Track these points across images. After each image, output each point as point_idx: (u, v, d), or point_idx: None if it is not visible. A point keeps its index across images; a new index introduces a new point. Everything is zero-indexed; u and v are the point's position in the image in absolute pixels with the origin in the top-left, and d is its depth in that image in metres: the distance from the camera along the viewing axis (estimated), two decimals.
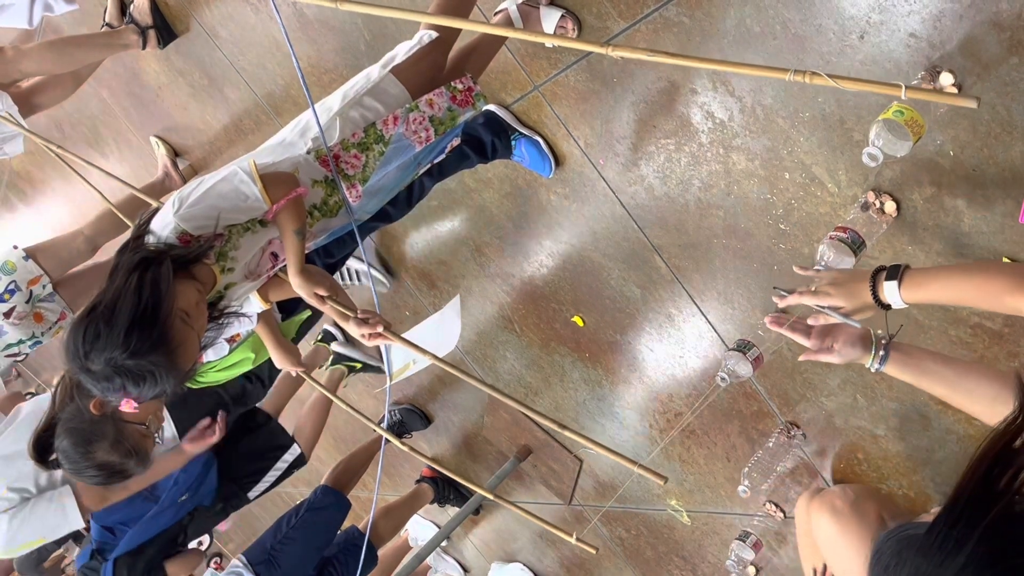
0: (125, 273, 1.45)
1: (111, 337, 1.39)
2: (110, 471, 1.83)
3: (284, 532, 3.20)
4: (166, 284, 1.44)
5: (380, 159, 1.78)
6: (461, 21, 1.62)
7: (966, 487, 0.77)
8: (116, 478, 1.86)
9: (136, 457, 1.84)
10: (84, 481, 1.88)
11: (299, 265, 1.66)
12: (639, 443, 2.87)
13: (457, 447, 3.94)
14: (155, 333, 1.42)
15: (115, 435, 1.81)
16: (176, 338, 1.45)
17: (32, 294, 2.78)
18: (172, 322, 1.44)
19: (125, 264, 1.47)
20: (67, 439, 1.76)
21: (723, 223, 2.13)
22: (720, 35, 1.86)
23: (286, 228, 1.62)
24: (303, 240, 1.65)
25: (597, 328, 2.70)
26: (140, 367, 1.41)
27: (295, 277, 1.68)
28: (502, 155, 2.39)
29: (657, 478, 1.49)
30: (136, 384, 1.43)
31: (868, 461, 2.24)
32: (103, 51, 3.19)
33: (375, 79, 1.81)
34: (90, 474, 1.82)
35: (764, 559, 2.70)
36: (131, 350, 1.40)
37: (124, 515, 2.86)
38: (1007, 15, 1.49)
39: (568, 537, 1.60)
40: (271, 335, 2.03)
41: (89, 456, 1.79)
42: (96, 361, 1.41)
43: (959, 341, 1.87)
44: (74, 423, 1.75)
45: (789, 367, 2.24)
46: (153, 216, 1.58)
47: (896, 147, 1.58)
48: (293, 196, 1.59)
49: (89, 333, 1.41)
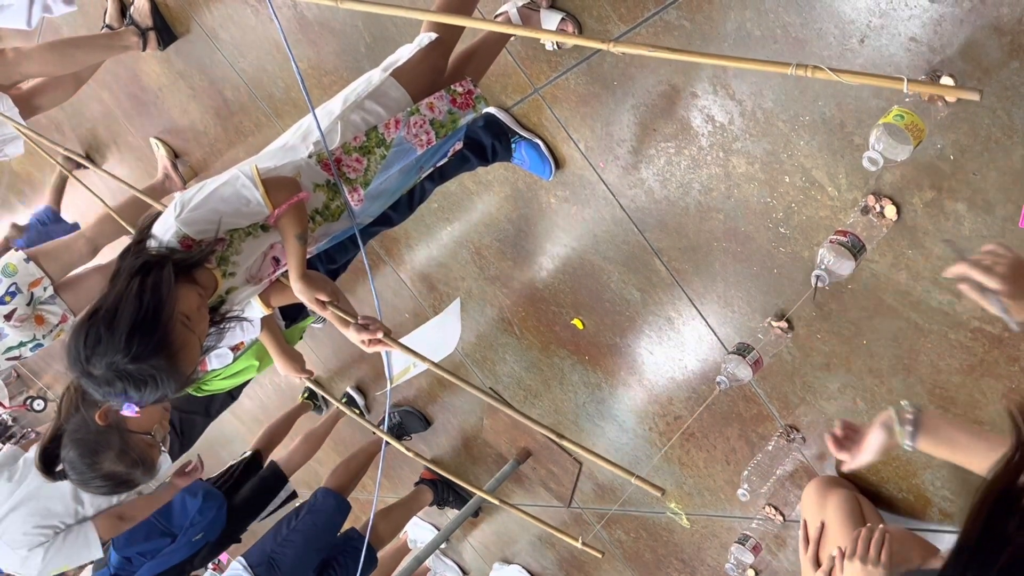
0: (127, 277, 1.44)
1: (112, 341, 1.39)
2: (117, 481, 1.83)
3: (284, 535, 3.21)
4: (167, 288, 1.44)
5: (382, 162, 1.78)
6: (463, 19, 1.62)
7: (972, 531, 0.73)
8: (123, 488, 1.86)
9: (143, 467, 1.84)
10: (91, 491, 1.89)
11: (300, 270, 1.66)
12: (638, 446, 2.87)
13: (457, 449, 3.94)
14: (156, 337, 1.41)
15: (121, 445, 1.80)
16: (177, 342, 1.44)
17: (33, 296, 2.78)
18: (173, 326, 1.44)
19: (127, 268, 1.47)
20: (73, 450, 1.76)
21: (723, 226, 2.13)
22: (720, 38, 1.86)
23: (288, 233, 1.61)
24: (305, 245, 1.65)
25: (597, 331, 2.70)
26: (141, 371, 1.41)
27: (296, 282, 1.67)
28: (502, 158, 2.39)
29: (654, 489, 1.49)
30: (138, 388, 1.43)
31: (868, 465, 2.23)
32: (103, 52, 3.19)
33: (376, 82, 1.81)
34: (97, 484, 1.82)
35: (763, 562, 2.70)
36: (132, 354, 1.39)
37: (143, 547, 3.12)
38: (1008, 19, 1.49)
39: (574, 541, 1.60)
40: (275, 342, 2.03)
41: (96, 466, 1.79)
42: (97, 365, 1.41)
43: (959, 345, 1.87)
44: (80, 433, 1.75)
45: (789, 370, 2.24)
46: (155, 220, 1.58)
47: (896, 151, 1.58)
48: (295, 201, 1.59)
49: (90, 337, 1.40)
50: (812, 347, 2.15)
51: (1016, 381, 1.84)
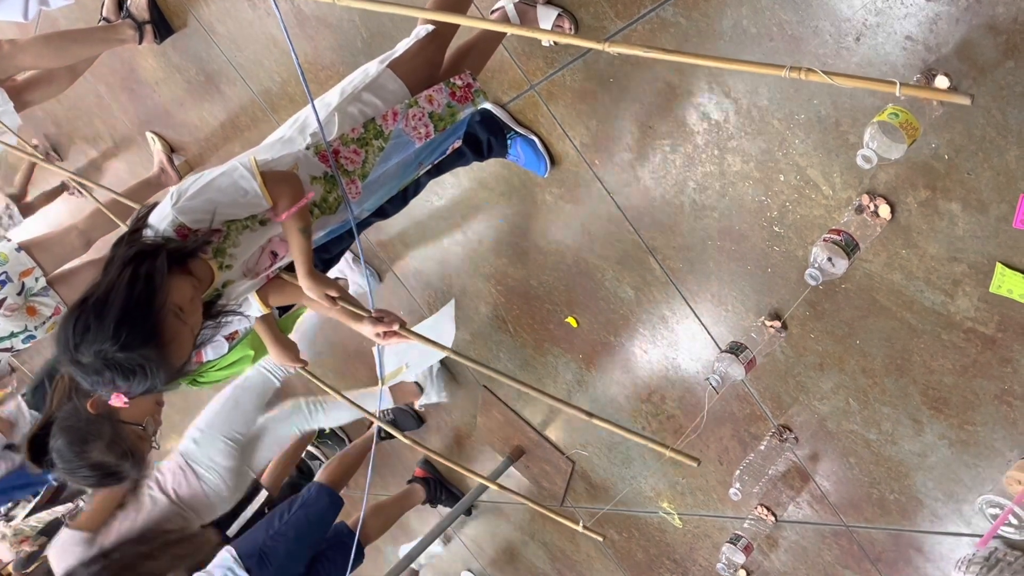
0: (119, 266, 1.43)
1: (101, 329, 1.37)
2: (104, 472, 1.79)
3: (276, 528, 3.18)
4: (160, 278, 1.42)
5: (379, 154, 1.77)
6: (458, 17, 1.61)
7: None
8: (110, 480, 1.81)
9: (131, 459, 1.80)
10: (77, 482, 1.83)
11: (308, 266, 1.64)
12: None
13: (450, 447, 3.94)
14: (147, 327, 1.40)
15: (112, 435, 1.77)
16: (168, 333, 1.43)
17: (24, 286, 2.77)
18: (165, 316, 1.42)
19: (120, 257, 1.45)
20: (62, 437, 1.73)
21: (718, 225, 2.13)
22: (717, 36, 1.86)
23: (292, 227, 1.60)
24: (310, 240, 1.64)
25: (591, 329, 2.70)
26: (130, 360, 1.39)
27: (305, 279, 1.65)
28: (498, 154, 2.39)
29: (689, 460, 1.49)
30: (126, 378, 1.41)
31: (860, 465, 2.24)
32: (100, 46, 3.18)
33: (373, 74, 1.80)
34: (83, 474, 1.77)
35: (755, 562, 2.70)
36: (121, 343, 1.37)
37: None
38: (1003, 19, 1.49)
39: (575, 525, 1.58)
40: (270, 333, 2.01)
41: (84, 455, 1.75)
42: (86, 353, 1.39)
43: (952, 346, 1.87)
44: (70, 421, 1.72)
45: (782, 370, 2.24)
46: (151, 211, 1.56)
47: (891, 149, 1.58)
48: (304, 203, 1.58)
49: (79, 325, 1.39)
50: (805, 347, 2.15)
51: (1009, 382, 1.83)
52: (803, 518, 2.50)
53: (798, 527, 2.54)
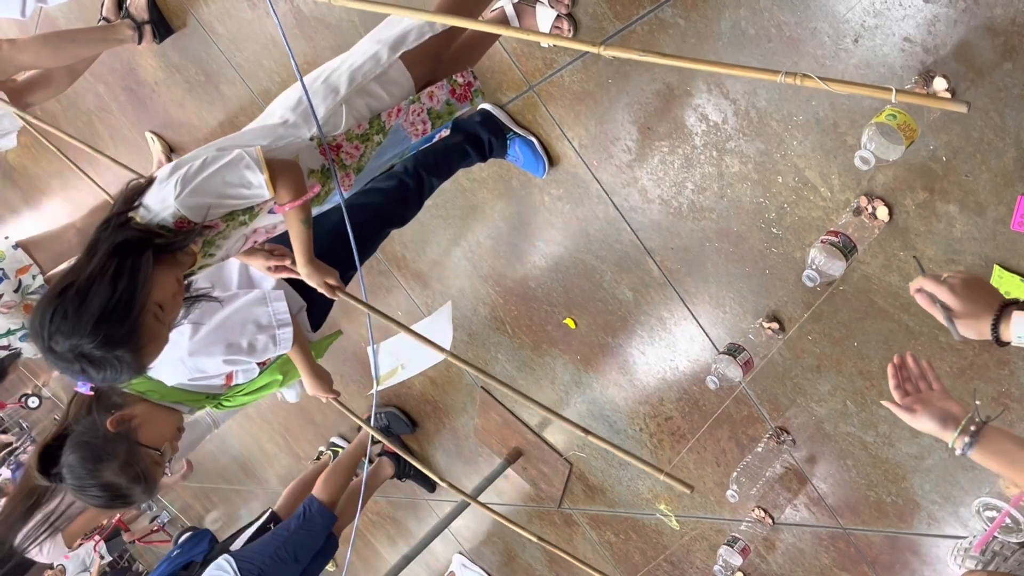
0: (103, 256, 1.39)
1: (79, 324, 1.35)
2: (114, 494, 1.69)
3: (278, 548, 3.21)
4: (144, 276, 1.39)
5: (377, 148, 1.77)
6: (456, 19, 1.60)
7: None
8: (118, 503, 1.72)
9: (144, 483, 1.70)
10: (86, 501, 1.71)
11: (308, 255, 1.66)
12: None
13: (447, 449, 3.93)
14: (125, 328, 1.37)
15: (127, 456, 1.68)
16: (146, 335, 1.40)
17: (21, 283, 2.77)
18: (145, 318, 1.39)
19: (105, 243, 1.40)
20: (76, 453, 1.65)
21: (716, 226, 2.12)
22: (715, 37, 1.86)
23: (293, 218, 1.61)
24: (310, 230, 1.64)
25: (589, 331, 2.70)
26: (104, 357, 1.37)
27: (304, 267, 1.67)
28: (498, 154, 2.39)
29: (683, 486, 1.46)
30: (97, 370, 1.39)
31: (857, 467, 2.23)
32: (99, 46, 3.18)
33: (384, 63, 1.76)
34: (93, 493, 1.68)
35: (752, 565, 2.70)
36: (99, 341, 1.35)
37: None
38: (1001, 20, 1.49)
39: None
40: (305, 360, 1.98)
41: (96, 474, 1.66)
42: (60, 343, 1.36)
43: (948, 347, 1.87)
44: (87, 436, 1.66)
45: (779, 372, 2.23)
46: (143, 190, 1.49)
47: (888, 151, 1.58)
48: (309, 197, 1.59)
49: (58, 314, 1.36)
50: (803, 348, 2.15)
51: (1006, 384, 1.83)
52: (800, 520, 2.49)
53: (795, 529, 2.53)
